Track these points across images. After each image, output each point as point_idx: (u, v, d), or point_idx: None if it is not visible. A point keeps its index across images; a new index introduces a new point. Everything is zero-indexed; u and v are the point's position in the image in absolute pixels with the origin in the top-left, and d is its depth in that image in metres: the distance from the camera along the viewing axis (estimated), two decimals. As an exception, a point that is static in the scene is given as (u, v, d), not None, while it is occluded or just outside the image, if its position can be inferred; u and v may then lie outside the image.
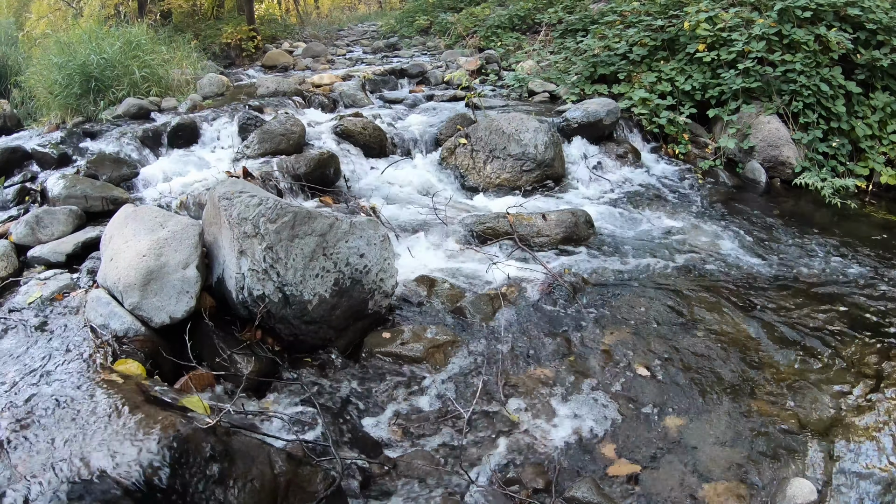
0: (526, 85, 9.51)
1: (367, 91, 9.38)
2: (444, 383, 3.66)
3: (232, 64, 15.58)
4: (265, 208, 3.58)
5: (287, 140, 6.19)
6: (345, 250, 3.76)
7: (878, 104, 7.65)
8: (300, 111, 7.93)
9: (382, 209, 5.49)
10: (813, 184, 7.16)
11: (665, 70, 8.44)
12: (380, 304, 4.01)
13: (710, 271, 5.08)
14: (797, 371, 3.94)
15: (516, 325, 4.18)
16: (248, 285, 3.58)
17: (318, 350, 3.83)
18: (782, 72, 7.67)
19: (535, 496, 2.98)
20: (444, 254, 5.00)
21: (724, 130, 7.85)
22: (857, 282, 5.15)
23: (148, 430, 2.57)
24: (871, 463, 3.33)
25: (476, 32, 14.41)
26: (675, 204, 6.61)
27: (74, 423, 2.68)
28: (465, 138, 6.63)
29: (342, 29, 21.51)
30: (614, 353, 3.98)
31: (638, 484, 3.14)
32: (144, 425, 2.60)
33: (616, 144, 7.48)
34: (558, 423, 3.45)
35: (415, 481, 3.04)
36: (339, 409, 3.48)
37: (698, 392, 3.73)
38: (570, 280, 4.61)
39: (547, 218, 5.23)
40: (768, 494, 3.09)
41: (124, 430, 2.59)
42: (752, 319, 4.43)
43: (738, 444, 3.38)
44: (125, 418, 2.65)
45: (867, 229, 6.50)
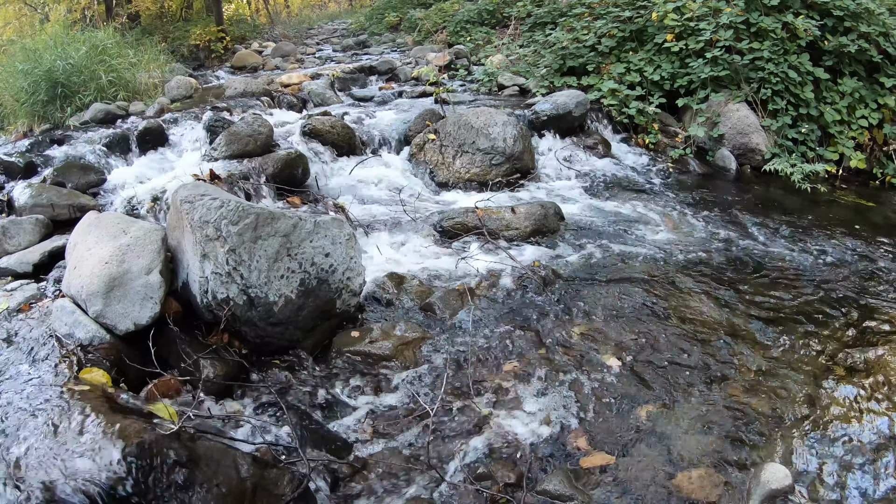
0: (495, 79, 9.51)
1: (336, 89, 9.35)
2: (414, 380, 3.64)
3: (201, 66, 15.46)
4: (227, 210, 3.54)
5: (254, 141, 6.13)
6: (309, 250, 3.72)
7: (846, 90, 7.71)
8: (268, 111, 7.88)
9: (351, 207, 5.46)
10: (783, 170, 7.21)
11: (634, 61, 8.47)
12: (348, 303, 3.98)
13: (681, 259, 5.09)
14: (770, 356, 3.95)
15: (486, 320, 4.16)
16: (211, 289, 3.54)
17: (287, 351, 3.80)
18: (750, 60, 7.71)
19: (506, 491, 2.96)
20: (414, 250, 4.98)
21: (694, 119, 7.88)
22: (828, 266, 5.18)
23: (112, 437, 2.54)
24: (846, 446, 3.34)
25: (445, 28, 14.40)
26: (646, 193, 6.63)
27: (38, 433, 2.65)
28: (434, 134, 6.61)
29: (312, 28, 21.44)
30: (585, 345, 3.97)
31: (612, 474, 3.13)
32: (108, 433, 2.57)
33: (586, 136, 7.50)
34: (530, 416, 3.43)
35: (385, 480, 3.02)
36: (308, 410, 3.45)
37: (670, 380, 3.73)
38: (539, 273, 4.60)
39: (516, 211, 5.22)
40: (743, 480, 3.09)
41: (88, 438, 2.57)
42: (723, 306, 4.44)
43: (712, 432, 3.38)
44: (89, 427, 2.62)
45: (838, 213, 6.54)
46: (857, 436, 3.39)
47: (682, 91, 8.16)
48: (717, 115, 7.74)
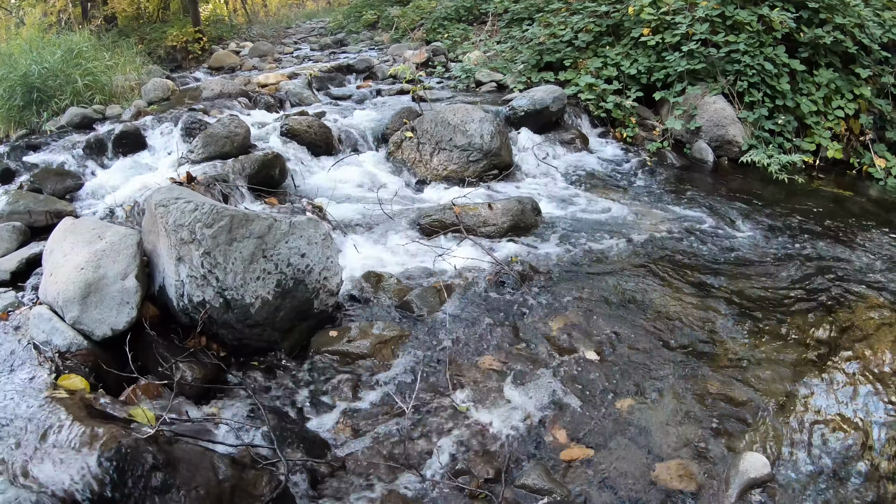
0: (473, 75, 9.52)
1: (313, 89, 9.32)
2: (393, 379, 3.65)
3: (178, 67, 15.39)
4: (201, 213, 3.53)
5: (231, 142, 6.11)
6: (285, 251, 3.72)
7: (822, 81, 7.76)
8: (246, 112, 7.84)
9: (329, 207, 5.45)
10: (760, 161, 7.26)
11: (611, 55, 8.51)
12: (326, 303, 3.98)
13: (660, 252, 5.11)
14: (748, 346, 3.98)
15: (464, 316, 4.17)
16: (187, 292, 3.54)
17: (265, 352, 3.80)
18: (726, 52, 7.76)
19: (485, 486, 2.98)
20: (391, 249, 4.97)
21: (671, 112, 7.92)
22: (805, 256, 5.22)
23: (89, 443, 2.55)
24: (825, 434, 3.37)
25: (423, 25, 14.40)
26: (624, 187, 6.66)
27: (17, 441, 2.65)
28: (412, 132, 6.61)
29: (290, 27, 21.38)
30: (563, 339, 3.98)
31: (591, 467, 3.15)
32: (86, 439, 2.57)
33: (564, 131, 7.52)
34: (508, 411, 3.45)
35: (364, 478, 3.02)
36: (287, 411, 3.45)
37: (649, 372, 3.75)
38: (517, 268, 4.61)
39: (493, 207, 5.23)
40: (721, 470, 3.12)
41: (66, 444, 2.57)
42: (701, 297, 4.47)
43: (690, 422, 3.41)
44: (67, 433, 2.62)
45: (815, 203, 6.59)
46: (835, 423, 3.43)
47: (659, 84, 8.20)
48: (694, 107, 7.78)
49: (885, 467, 3.20)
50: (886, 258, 5.27)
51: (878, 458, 3.26)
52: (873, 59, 7.95)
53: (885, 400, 3.59)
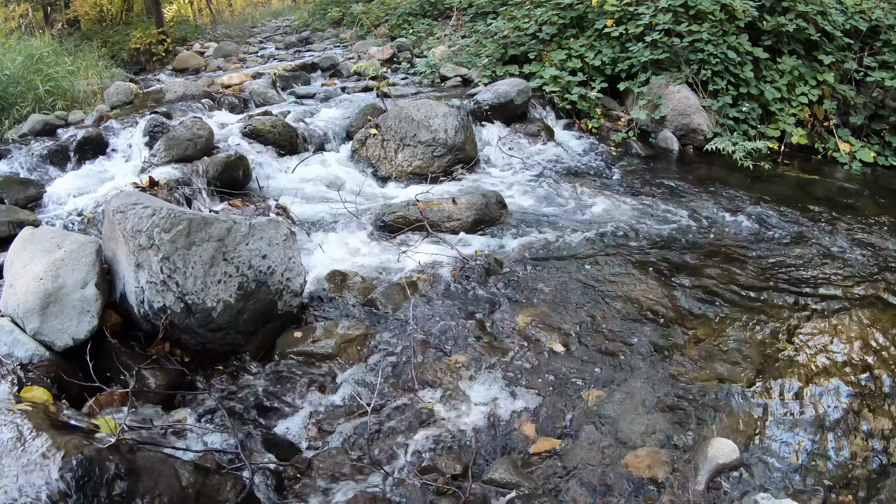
0: (438, 70, 9.51)
1: (278, 88, 9.26)
2: (358, 377, 3.63)
3: (142, 70, 15.20)
4: (158, 218, 3.50)
5: (194, 145, 6.05)
6: (246, 253, 3.70)
7: (785, 68, 7.84)
8: (209, 114, 7.76)
9: (294, 207, 5.42)
10: (725, 148, 7.31)
11: (575, 47, 8.52)
12: (290, 304, 3.96)
13: (626, 241, 5.13)
14: (716, 332, 4.02)
15: (429, 313, 4.17)
16: (148, 298, 3.51)
17: (230, 356, 3.77)
18: (690, 42, 7.80)
19: (452, 482, 2.97)
20: (356, 247, 4.96)
21: (636, 102, 7.95)
22: (771, 240, 5.27)
23: (51, 455, 2.51)
24: (793, 417, 3.40)
25: (387, 21, 14.36)
26: (589, 177, 6.68)
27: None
28: (376, 128, 6.59)
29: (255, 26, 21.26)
30: (529, 332, 3.99)
31: (559, 459, 3.16)
32: (48, 451, 2.54)
33: (529, 123, 7.53)
34: (475, 406, 3.45)
35: (331, 479, 3.01)
36: (253, 414, 3.44)
37: (616, 362, 3.77)
38: (481, 262, 4.62)
39: (457, 202, 5.23)
40: (690, 457, 3.14)
41: (28, 456, 2.53)
42: (669, 285, 4.49)
43: (659, 410, 3.43)
44: (29, 445, 2.58)
45: (781, 189, 6.65)
46: (803, 406, 3.46)
47: (624, 75, 8.23)
48: (659, 97, 7.82)
49: (853, 449, 3.24)
50: (852, 241, 5.34)
51: (846, 440, 3.29)
52: (836, 45, 8.04)
53: (851, 382, 3.63)
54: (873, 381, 3.65)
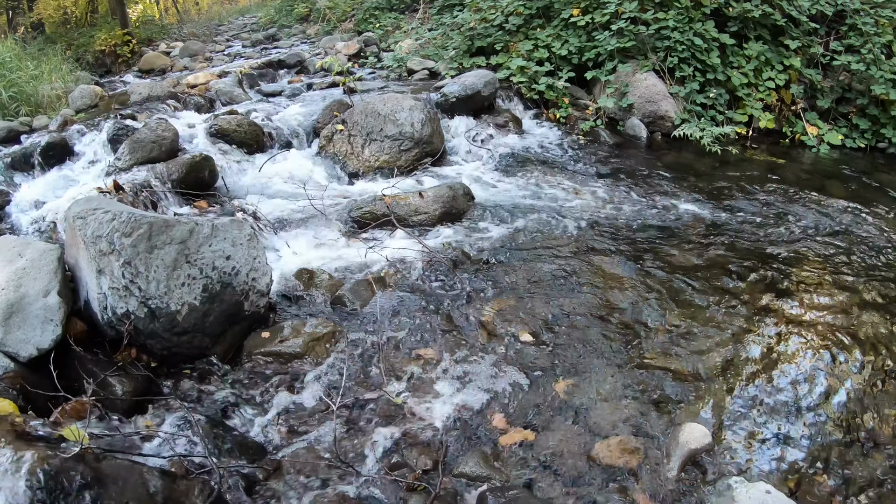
0: (405, 64, 9.48)
1: (244, 86, 9.20)
2: (326, 376, 3.61)
3: (108, 72, 15.05)
4: (119, 223, 3.45)
5: (159, 147, 5.99)
6: (209, 254, 3.66)
7: (751, 53, 7.90)
8: (175, 114, 7.68)
9: (261, 206, 5.37)
10: (692, 134, 7.36)
11: (541, 37, 8.54)
12: (257, 304, 3.92)
13: (594, 229, 5.14)
14: (687, 318, 4.04)
15: (397, 307, 4.15)
16: (110, 304, 3.46)
17: (197, 359, 3.72)
18: (656, 29, 7.84)
19: (423, 477, 2.97)
20: (324, 244, 4.92)
21: (603, 91, 7.98)
22: (740, 223, 5.31)
23: (17, 467, 2.48)
24: (765, 399, 3.42)
25: (354, 16, 14.29)
26: (558, 167, 6.68)
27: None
28: (342, 124, 6.55)
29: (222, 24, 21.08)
30: (497, 324, 3.99)
31: (530, 450, 3.16)
32: (14, 462, 2.50)
33: (496, 115, 7.53)
34: (445, 400, 3.44)
35: (300, 479, 2.99)
36: (221, 417, 3.40)
37: (586, 351, 3.77)
38: (449, 255, 4.61)
39: (424, 195, 5.21)
40: (662, 443, 3.15)
41: (-5, 470, 2.50)
42: (638, 272, 4.51)
43: (630, 398, 3.44)
44: (-6, 459, 2.55)
45: (749, 172, 6.70)
46: (776, 389, 3.49)
47: (591, 64, 8.27)
48: (626, 85, 7.85)
49: (826, 429, 3.26)
50: (820, 222, 5.38)
51: (819, 421, 3.32)
52: (802, 30, 8.10)
53: (823, 362, 3.66)
54: (845, 361, 3.69)
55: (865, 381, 3.56)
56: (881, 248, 4.99)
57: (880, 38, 7.79)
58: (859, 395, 3.46)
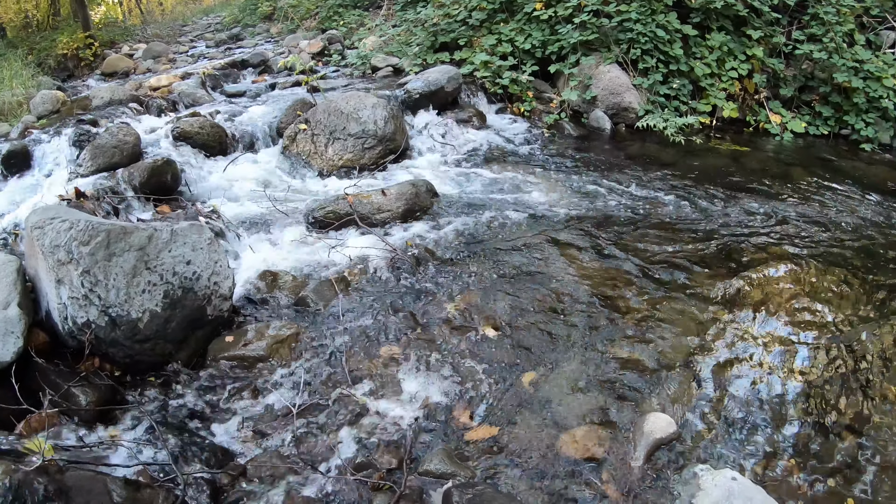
0: (369, 61, 9.46)
1: (207, 87, 9.12)
2: (291, 378, 3.61)
3: (71, 76, 14.84)
4: (76, 231, 3.43)
5: (120, 152, 5.94)
6: (169, 260, 3.64)
7: (714, 44, 7.98)
8: (137, 118, 7.61)
9: (224, 208, 5.35)
10: (656, 125, 7.43)
11: (505, 32, 8.55)
12: (220, 309, 3.91)
13: (559, 221, 5.17)
14: (651, 307, 4.07)
15: (361, 307, 4.16)
16: (71, 314, 3.43)
17: (161, 366, 3.70)
18: (618, 22, 7.89)
19: (388, 477, 2.98)
20: (287, 245, 4.90)
21: (567, 84, 8.01)
22: (704, 212, 5.36)
23: (-21, 481, 2.47)
24: (731, 386, 3.46)
25: (318, 14, 14.22)
26: (522, 160, 6.70)
27: None
28: (305, 123, 6.52)
29: (186, 24, 20.86)
30: (462, 319, 4.01)
31: (497, 445, 3.18)
32: (-24, 477, 2.49)
33: (461, 110, 7.55)
34: (409, 398, 3.46)
35: (265, 483, 3.00)
36: (186, 423, 3.39)
37: (551, 343, 3.80)
38: (412, 252, 4.62)
39: (387, 193, 5.21)
40: (627, 433, 3.18)
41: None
42: (603, 263, 4.54)
43: (595, 389, 3.46)
44: (-41, 474, 2.54)
45: (713, 161, 6.77)
46: (741, 376, 3.53)
47: (554, 57, 8.29)
48: (589, 77, 7.88)
49: (791, 414, 3.31)
50: (784, 208, 5.45)
51: (784, 406, 3.36)
52: (764, 20, 8.18)
53: (788, 347, 3.71)
54: (810, 348, 3.74)
55: (830, 367, 3.61)
56: (845, 234, 5.06)
57: (842, 27, 7.89)
58: (824, 381, 3.52)
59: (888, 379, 3.51)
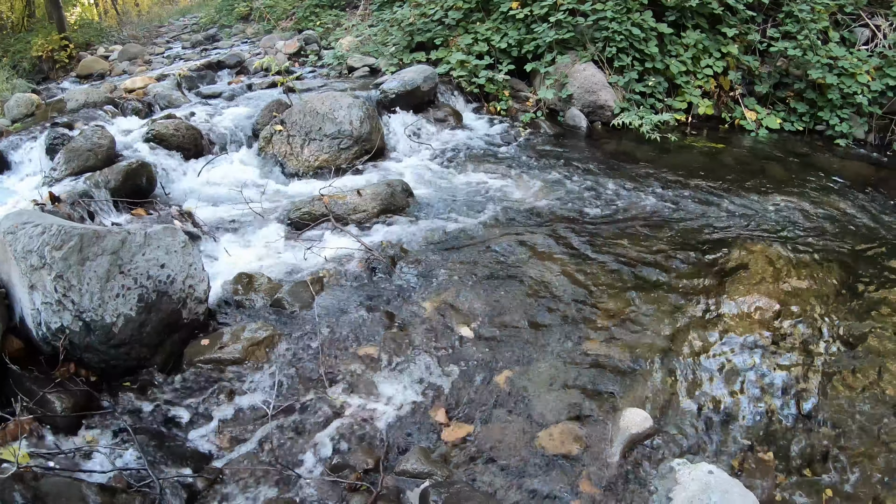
0: (345, 62, 9.47)
1: (183, 89, 9.09)
2: (266, 380, 3.60)
3: (46, 78, 14.76)
4: (49, 236, 3.41)
5: (95, 155, 5.90)
6: (143, 264, 3.62)
7: (690, 42, 8.03)
8: (112, 121, 7.58)
9: (200, 211, 5.33)
10: (632, 122, 7.47)
11: (481, 31, 8.57)
12: (195, 312, 3.90)
13: (535, 220, 5.19)
14: (627, 304, 4.10)
15: (336, 307, 4.16)
16: (44, 320, 3.41)
17: (137, 371, 3.67)
18: (594, 20, 7.93)
19: (365, 477, 2.99)
20: (263, 247, 4.90)
21: (543, 82, 8.04)
22: (681, 209, 5.39)
23: (-47, 491, 2.47)
24: (706, 381, 3.49)
25: (294, 14, 14.19)
26: (499, 159, 6.72)
27: None
28: (281, 124, 6.51)
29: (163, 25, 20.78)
30: (437, 319, 4.02)
31: (473, 444, 3.19)
32: (-49, 487, 2.49)
33: (437, 109, 7.56)
34: (386, 399, 3.46)
35: (242, 486, 2.99)
36: (163, 428, 3.37)
37: (526, 341, 3.81)
38: (388, 252, 4.63)
39: (362, 193, 5.21)
40: (604, 429, 3.19)
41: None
42: (581, 261, 4.56)
43: (572, 386, 3.48)
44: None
45: (688, 158, 6.81)
46: (716, 370, 3.56)
47: (530, 56, 8.33)
48: (565, 76, 7.91)
49: (767, 406, 3.34)
50: (759, 205, 5.49)
51: (760, 398, 3.39)
52: (739, 18, 8.25)
53: (762, 342, 3.74)
54: (783, 339, 3.78)
55: (807, 360, 3.65)
56: (821, 229, 5.12)
57: (816, 25, 7.96)
58: (801, 374, 3.55)
59: (863, 370, 3.55)
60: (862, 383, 3.50)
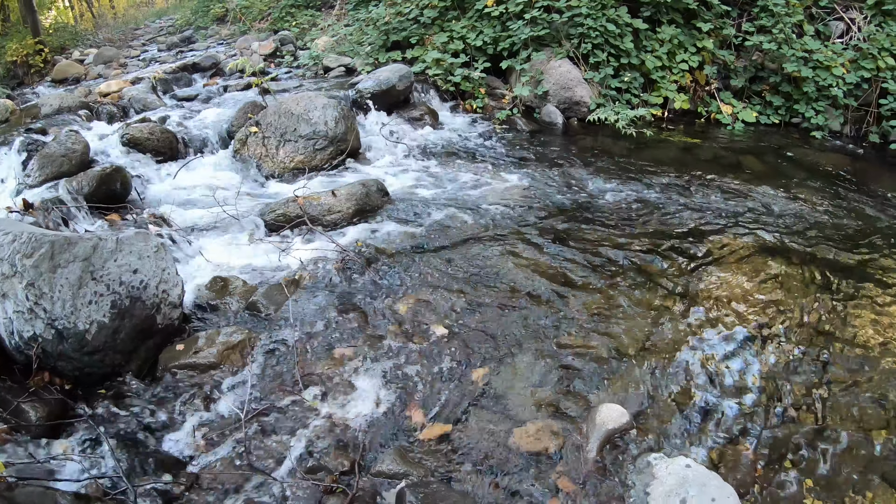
0: (321, 62, 9.46)
1: (158, 92, 9.04)
2: (242, 383, 3.59)
3: (21, 83, 14.63)
4: (19, 244, 3.38)
5: (69, 160, 5.86)
6: (115, 269, 3.60)
7: (665, 37, 8.08)
8: (87, 125, 7.52)
9: (174, 215, 5.31)
10: (608, 118, 7.49)
11: (456, 29, 8.59)
12: (170, 317, 3.88)
13: (511, 218, 5.20)
14: (603, 299, 4.11)
15: (311, 309, 4.15)
16: (17, 329, 3.39)
17: (112, 378, 3.65)
18: (569, 17, 7.96)
19: (341, 479, 2.98)
20: (238, 250, 4.88)
21: (519, 80, 8.06)
22: (657, 204, 5.41)
23: (-75, 503, 2.45)
24: (682, 376, 3.51)
25: (270, 15, 14.15)
26: (474, 157, 6.73)
27: None
28: (256, 126, 6.49)
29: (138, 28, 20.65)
30: (412, 319, 4.02)
31: (449, 443, 3.19)
32: (-77, 499, 2.47)
33: (413, 108, 7.57)
34: (361, 400, 3.46)
35: (218, 491, 2.99)
36: (138, 435, 3.35)
37: (502, 339, 3.82)
38: (363, 253, 4.63)
39: (336, 194, 5.20)
40: (580, 425, 3.20)
41: None
42: (557, 258, 4.57)
43: (548, 384, 3.49)
44: None
45: (665, 153, 6.84)
46: (692, 365, 3.58)
47: (506, 54, 8.36)
48: (541, 73, 7.93)
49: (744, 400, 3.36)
50: (736, 198, 5.52)
51: (737, 392, 3.42)
52: (714, 13, 8.31)
53: (738, 337, 3.77)
54: (760, 332, 3.80)
55: (785, 353, 3.67)
56: (799, 221, 5.16)
57: (791, 18, 8.02)
58: (779, 367, 3.58)
59: (843, 364, 3.59)
60: (840, 374, 3.53)
